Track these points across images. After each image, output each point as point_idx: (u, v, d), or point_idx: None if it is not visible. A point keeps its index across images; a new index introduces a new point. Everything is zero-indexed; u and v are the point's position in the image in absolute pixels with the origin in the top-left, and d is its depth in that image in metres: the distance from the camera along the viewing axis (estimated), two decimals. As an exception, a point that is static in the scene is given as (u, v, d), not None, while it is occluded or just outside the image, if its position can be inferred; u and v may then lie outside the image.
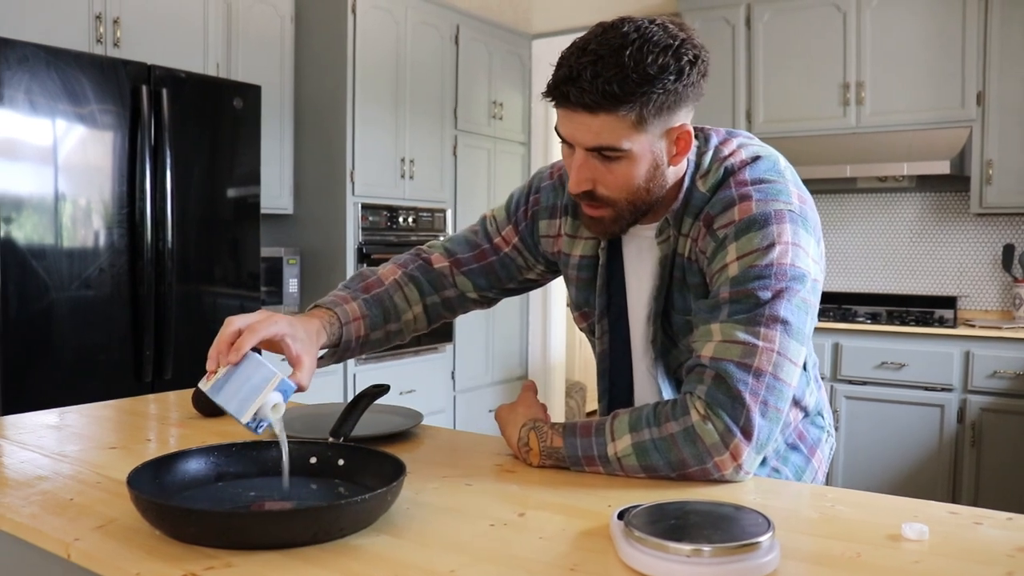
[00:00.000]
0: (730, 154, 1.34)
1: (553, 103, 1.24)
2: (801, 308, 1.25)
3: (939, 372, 3.99)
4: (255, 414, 1.15)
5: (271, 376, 1.17)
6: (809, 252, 1.28)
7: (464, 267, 1.56)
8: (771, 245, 1.24)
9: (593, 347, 1.60)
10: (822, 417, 1.59)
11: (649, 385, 1.47)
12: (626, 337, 1.48)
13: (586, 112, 1.20)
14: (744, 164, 1.33)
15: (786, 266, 1.24)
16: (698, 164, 1.35)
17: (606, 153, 1.24)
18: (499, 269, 1.57)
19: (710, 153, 1.35)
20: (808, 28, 4.55)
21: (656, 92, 1.19)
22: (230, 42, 4.05)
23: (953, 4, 4.18)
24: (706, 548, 0.90)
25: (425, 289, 1.56)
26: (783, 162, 1.37)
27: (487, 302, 1.63)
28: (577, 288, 1.52)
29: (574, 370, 6.69)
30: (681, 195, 1.35)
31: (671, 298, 1.39)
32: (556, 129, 1.28)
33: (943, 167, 4.07)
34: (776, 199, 1.28)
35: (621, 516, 1.00)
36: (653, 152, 1.26)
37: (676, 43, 1.19)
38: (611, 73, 1.17)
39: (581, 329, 1.58)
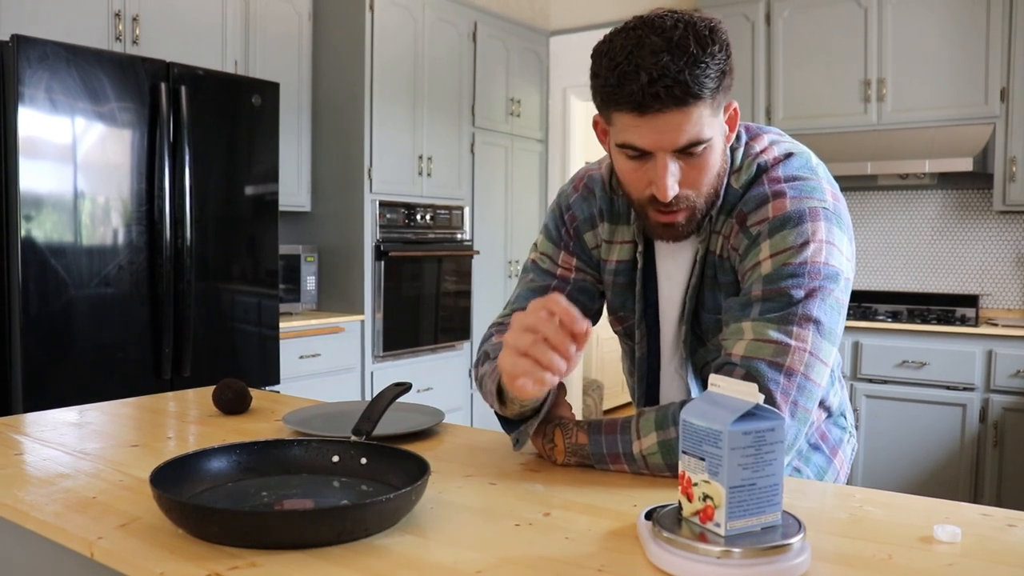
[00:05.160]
0: (762, 151, 1.33)
1: (638, 112, 1.16)
2: (834, 308, 1.23)
3: (961, 371, 3.96)
4: None
5: None
6: (843, 250, 1.26)
7: None
8: (805, 243, 1.22)
9: (623, 350, 1.59)
10: (844, 418, 1.58)
11: (677, 385, 1.46)
12: (657, 338, 1.47)
13: (677, 108, 1.15)
14: (777, 161, 1.32)
15: (820, 264, 1.22)
16: (731, 159, 1.33)
17: (692, 148, 1.19)
18: (580, 296, 1.48)
19: (742, 149, 1.33)
20: (829, 24, 4.51)
21: (724, 70, 1.17)
22: (248, 39, 4.06)
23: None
24: (736, 549, 0.89)
25: None
26: (815, 159, 1.36)
27: None
28: (614, 293, 1.49)
29: (591, 368, 6.68)
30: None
31: (702, 297, 1.38)
32: (626, 144, 1.21)
33: (966, 164, 4.03)
34: (810, 196, 1.26)
35: (649, 516, 0.99)
36: (722, 134, 1.25)
37: (708, 22, 1.18)
38: (691, 60, 1.13)
39: (616, 332, 1.55)
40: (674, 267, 1.41)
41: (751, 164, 1.32)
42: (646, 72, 1.13)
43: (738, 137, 1.34)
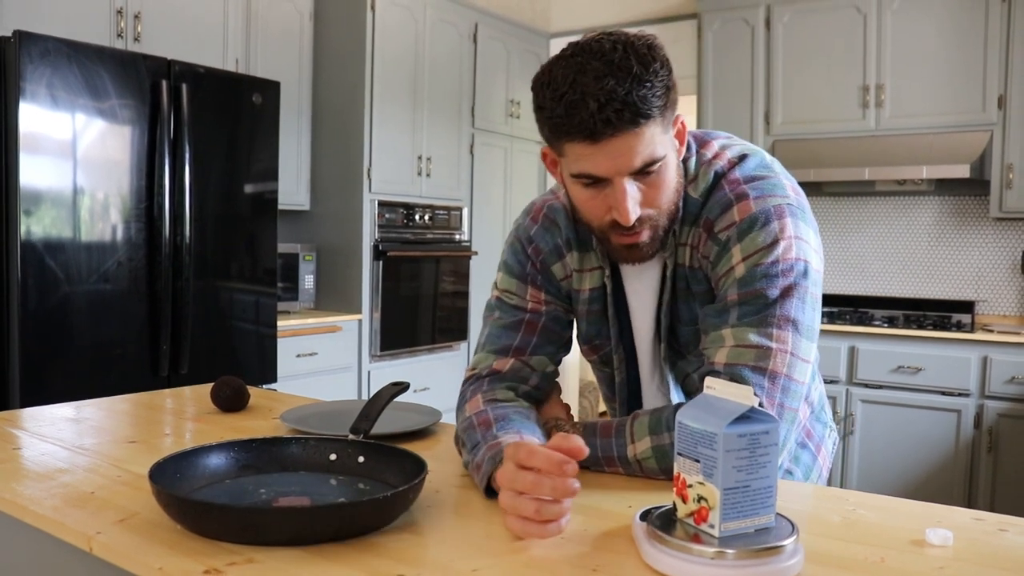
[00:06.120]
0: (714, 156, 1.33)
1: (591, 140, 1.14)
2: (810, 304, 1.24)
3: (956, 377, 3.97)
4: None
5: None
6: (811, 243, 1.27)
7: (528, 349, 1.41)
8: (775, 242, 1.23)
9: (599, 378, 1.57)
10: (825, 412, 1.60)
11: (660, 403, 1.45)
12: (635, 361, 1.47)
13: (630, 131, 1.13)
14: (733, 164, 1.31)
15: (792, 261, 1.23)
16: (685, 170, 1.32)
17: (648, 168, 1.18)
18: (554, 326, 1.43)
19: (694, 158, 1.33)
20: (828, 30, 4.53)
21: (669, 86, 1.16)
22: (249, 38, 4.06)
23: (975, 7, 4.15)
24: (730, 551, 0.90)
25: (511, 387, 1.39)
26: (768, 156, 1.36)
27: (559, 363, 1.51)
28: (588, 322, 1.46)
29: (587, 370, 6.68)
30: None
31: (677, 311, 1.37)
32: (581, 174, 1.19)
33: (963, 171, 4.05)
34: (773, 194, 1.27)
35: (643, 517, 1.00)
36: (674, 149, 1.24)
37: (645, 40, 1.17)
38: (635, 81, 1.12)
39: (591, 361, 1.54)
40: (641, 287, 1.40)
41: (707, 171, 1.31)
42: (593, 99, 1.11)
43: (688, 146, 1.33)
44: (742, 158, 1.32)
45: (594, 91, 1.11)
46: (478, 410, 1.31)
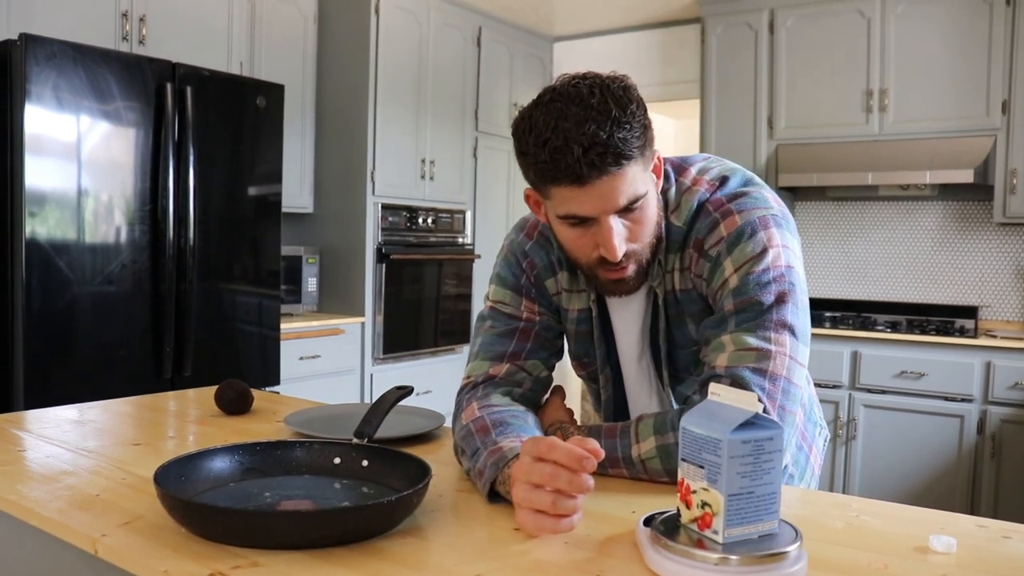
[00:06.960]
0: (694, 183, 1.35)
1: (578, 184, 1.17)
2: (802, 310, 1.27)
3: (959, 382, 3.96)
4: None
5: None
6: (796, 252, 1.31)
7: (523, 354, 1.44)
8: (764, 250, 1.26)
9: (589, 390, 1.60)
10: (815, 411, 1.62)
11: None
12: (621, 382, 1.50)
13: (614, 172, 1.16)
14: (714, 188, 1.34)
15: (782, 268, 1.26)
16: (665, 200, 1.35)
17: (632, 205, 1.21)
18: (547, 334, 1.47)
19: (674, 187, 1.35)
20: (832, 34, 4.53)
21: (645, 125, 1.19)
22: (254, 41, 4.07)
23: (979, 12, 4.15)
24: (733, 557, 0.90)
25: (506, 391, 1.41)
26: (749, 173, 1.39)
27: (553, 368, 1.54)
28: (576, 341, 1.50)
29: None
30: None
31: (672, 336, 1.40)
32: (568, 215, 1.22)
33: (966, 176, 4.05)
34: (756, 207, 1.30)
35: (647, 522, 1.00)
36: (654, 184, 1.27)
37: (619, 81, 1.19)
38: (615, 123, 1.14)
39: (580, 376, 1.57)
40: (627, 312, 1.43)
41: (688, 199, 1.34)
42: (577, 144, 1.14)
43: (667, 176, 1.35)
44: (723, 180, 1.35)
45: (576, 136, 1.14)
46: (475, 417, 1.32)
